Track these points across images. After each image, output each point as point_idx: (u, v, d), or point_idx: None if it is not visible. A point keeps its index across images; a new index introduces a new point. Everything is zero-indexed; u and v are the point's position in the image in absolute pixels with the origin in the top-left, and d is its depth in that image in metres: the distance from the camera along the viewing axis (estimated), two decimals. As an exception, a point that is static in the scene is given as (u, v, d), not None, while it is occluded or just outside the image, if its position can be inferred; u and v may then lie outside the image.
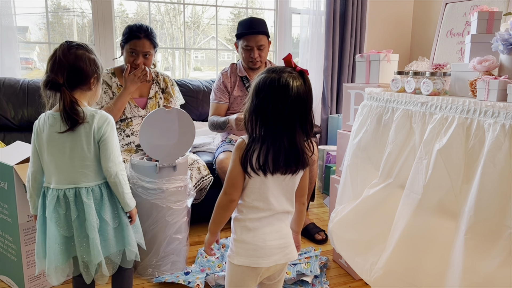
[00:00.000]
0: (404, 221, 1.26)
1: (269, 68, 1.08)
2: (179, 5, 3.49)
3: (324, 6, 3.40)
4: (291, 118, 1.04)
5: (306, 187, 1.21)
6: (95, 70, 1.26)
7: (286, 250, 1.13)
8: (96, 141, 1.24)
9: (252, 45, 2.37)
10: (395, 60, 1.78)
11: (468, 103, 1.13)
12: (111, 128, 1.26)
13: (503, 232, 1.01)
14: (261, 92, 1.05)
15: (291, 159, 1.07)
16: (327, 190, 3.04)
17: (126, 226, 1.31)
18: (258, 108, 1.05)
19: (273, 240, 1.10)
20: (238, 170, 1.08)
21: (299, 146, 1.06)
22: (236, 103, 2.50)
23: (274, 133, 1.04)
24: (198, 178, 2.17)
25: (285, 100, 1.03)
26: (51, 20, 3.05)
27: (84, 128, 1.22)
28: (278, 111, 1.03)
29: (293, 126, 1.05)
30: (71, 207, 1.23)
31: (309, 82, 1.08)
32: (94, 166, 1.26)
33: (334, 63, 3.51)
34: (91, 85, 1.27)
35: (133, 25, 2.10)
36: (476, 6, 1.77)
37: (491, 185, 1.02)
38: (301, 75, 1.07)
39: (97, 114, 1.25)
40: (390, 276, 1.31)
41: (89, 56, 1.25)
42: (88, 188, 1.25)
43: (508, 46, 1.19)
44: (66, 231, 1.24)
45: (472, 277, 1.05)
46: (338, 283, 1.82)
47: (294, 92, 1.03)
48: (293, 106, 1.04)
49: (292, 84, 1.03)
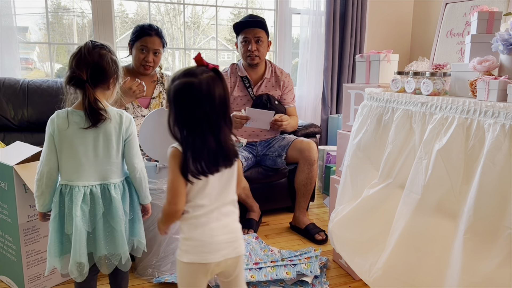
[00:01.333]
0: (404, 221, 1.26)
1: (184, 72, 1.07)
2: (179, 5, 3.49)
3: (324, 6, 3.40)
4: (217, 118, 1.06)
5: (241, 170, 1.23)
6: (115, 71, 1.31)
7: (235, 244, 1.13)
8: (124, 139, 1.31)
9: (249, 37, 2.37)
10: (395, 60, 1.78)
11: (468, 103, 1.13)
12: (134, 128, 1.34)
13: (502, 232, 1.01)
14: (184, 98, 1.05)
15: (223, 155, 1.09)
16: (327, 190, 3.04)
17: (139, 219, 1.39)
18: (183, 114, 1.06)
19: (221, 235, 1.11)
20: (179, 180, 1.07)
21: (227, 141, 1.09)
22: (236, 103, 2.50)
23: (203, 136, 1.06)
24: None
25: (211, 103, 1.04)
26: (51, 20, 3.05)
27: (114, 127, 1.28)
28: (205, 114, 1.04)
29: (219, 125, 1.07)
30: (98, 203, 1.27)
31: (224, 78, 1.10)
32: (119, 163, 1.32)
33: (334, 63, 3.51)
34: (110, 84, 1.31)
35: (143, 24, 2.14)
36: (476, 6, 1.76)
37: (490, 185, 1.02)
38: (215, 73, 1.08)
39: (123, 114, 1.31)
40: (390, 276, 1.31)
41: (112, 57, 1.30)
42: (115, 184, 1.31)
43: (508, 46, 1.19)
44: (89, 227, 1.27)
45: (471, 277, 1.05)
46: (338, 283, 1.82)
47: (218, 93, 1.05)
48: (219, 107, 1.06)
49: (214, 86, 1.05)
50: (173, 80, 1.07)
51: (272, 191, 2.58)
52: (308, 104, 3.55)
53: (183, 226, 1.13)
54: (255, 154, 2.50)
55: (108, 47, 1.30)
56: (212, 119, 1.06)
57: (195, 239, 1.10)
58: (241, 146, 2.44)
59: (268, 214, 2.66)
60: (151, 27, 2.12)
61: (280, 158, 2.40)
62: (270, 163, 2.47)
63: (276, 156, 2.42)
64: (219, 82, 1.07)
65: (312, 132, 2.71)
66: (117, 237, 1.29)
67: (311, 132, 2.71)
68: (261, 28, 2.38)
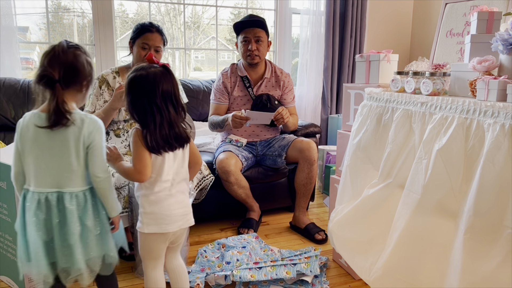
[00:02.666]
0: (404, 221, 1.27)
1: (136, 67, 1.29)
2: (179, 5, 3.49)
3: (324, 6, 3.40)
4: (164, 105, 1.26)
5: (196, 149, 1.45)
6: (90, 73, 1.25)
7: (187, 216, 1.38)
8: (85, 146, 1.21)
9: (249, 37, 2.37)
10: (395, 60, 1.78)
11: (468, 103, 1.13)
12: (100, 134, 1.23)
13: (502, 232, 1.01)
14: (135, 88, 1.26)
15: (175, 138, 1.30)
16: (327, 190, 3.04)
17: (107, 232, 1.29)
18: (134, 101, 1.27)
19: (177, 209, 1.34)
20: (145, 152, 1.27)
21: (176, 126, 1.30)
22: (236, 103, 2.50)
23: (154, 120, 1.26)
24: (199, 178, 2.18)
25: (156, 92, 1.25)
26: (52, 20, 3.05)
27: (73, 132, 1.19)
28: (152, 102, 1.25)
29: (167, 111, 1.27)
30: (53, 212, 1.19)
31: (172, 73, 1.31)
32: (80, 171, 1.22)
33: (334, 63, 3.51)
34: (84, 87, 1.25)
35: (144, 22, 2.14)
36: (476, 6, 1.77)
37: (490, 185, 1.02)
38: (165, 69, 1.29)
39: (87, 118, 1.21)
40: (390, 276, 1.31)
41: (87, 58, 1.24)
42: (72, 194, 1.21)
43: (508, 46, 1.19)
44: (45, 235, 1.20)
45: (471, 277, 1.05)
46: (338, 283, 1.82)
47: (163, 85, 1.26)
48: (163, 95, 1.26)
49: (160, 78, 1.26)
50: (129, 74, 1.28)
51: (272, 191, 2.58)
52: (308, 104, 3.55)
53: (144, 203, 1.32)
54: (255, 154, 2.50)
55: (83, 49, 1.24)
56: (159, 106, 1.25)
57: (155, 213, 1.31)
58: (241, 146, 2.44)
59: (268, 214, 2.66)
60: (152, 24, 2.12)
61: (280, 158, 2.41)
62: (270, 163, 2.47)
63: (276, 156, 2.43)
64: (165, 75, 1.28)
65: (312, 132, 2.71)
66: (71, 250, 1.20)
67: (311, 132, 2.71)
68: (261, 28, 2.39)
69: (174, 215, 1.33)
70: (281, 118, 2.28)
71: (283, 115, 2.29)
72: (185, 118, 1.36)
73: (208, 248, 2.08)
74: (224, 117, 2.37)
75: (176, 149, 1.32)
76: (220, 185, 2.31)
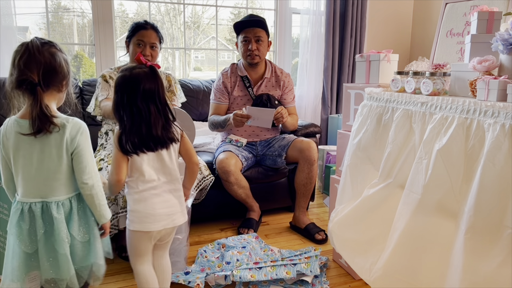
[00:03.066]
0: (404, 221, 1.27)
1: (123, 68, 1.30)
2: (179, 5, 3.49)
3: (324, 6, 3.40)
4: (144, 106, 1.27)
5: (191, 149, 1.44)
6: (68, 71, 1.18)
7: (173, 216, 1.37)
8: (70, 152, 1.15)
9: (250, 37, 2.37)
10: (395, 60, 1.78)
11: (468, 103, 1.13)
12: (85, 138, 1.16)
13: (503, 232, 1.01)
14: (119, 89, 1.28)
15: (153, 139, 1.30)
16: (327, 190, 3.04)
17: (95, 239, 1.23)
18: (118, 101, 1.28)
19: (161, 208, 1.34)
20: (119, 155, 1.29)
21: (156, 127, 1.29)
22: (236, 103, 2.50)
23: (132, 120, 1.27)
24: (199, 178, 2.18)
25: (137, 91, 1.26)
26: (51, 20, 3.05)
27: (54, 138, 1.12)
28: (134, 101, 1.26)
29: (148, 112, 1.27)
30: (38, 222, 1.13)
31: (159, 74, 1.31)
32: (65, 178, 1.16)
33: (334, 63, 3.51)
34: (63, 87, 1.18)
35: (138, 20, 2.15)
36: (476, 6, 1.77)
37: (490, 185, 1.02)
38: (151, 69, 1.30)
39: (69, 123, 1.13)
40: (390, 276, 1.31)
41: (63, 56, 1.16)
42: (58, 202, 1.16)
43: (508, 46, 1.19)
44: (28, 247, 1.14)
45: (471, 277, 1.05)
46: (338, 283, 1.82)
47: (147, 86, 1.27)
48: (144, 96, 1.27)
49: (144, 79, 1.26)
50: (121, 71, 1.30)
51: (272, 191, 2.58)
52: (308, 104, 3.55)
53: (129, 201, 1.34)
54: (255, 154, 2.50)
55: (58, 45, 1.17)
56: (140, 107, 1.27)
57: (139, 211, 1.33)
58: (241, 146, 2.44)
59: (268, 214, 2.66)
60: (146, 22, 2.13)
61: (280, 158, 2.41)
62: (270, 163, 2.47)
63: (276, 156, 2.43)
64: (149, 76, 1.28)
65: (312, 132, 2.71)
66: (60, 260, 1.15)
67: (311, 132, 2.71)
68: (262, 28, 2.39)
69: (158, 214, 1.33)
70: (281, 117, 2.28)
71: (283, 114, 2.29)
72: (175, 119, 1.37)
73: (208, 248, 2.08)
74: (225, 117, 2.37)
75: (155, 150, 1.32)
76: (220, 185, 2.31)
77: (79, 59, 3.50)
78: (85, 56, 3.47)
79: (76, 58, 3.48)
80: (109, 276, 1.84)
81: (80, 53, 3.46)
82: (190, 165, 1.46)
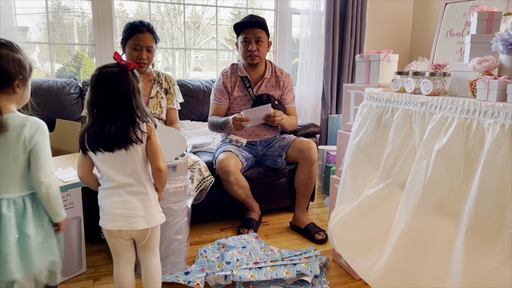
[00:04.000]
0: (404, 221, 1.27)
1: (99, 66, 1.31)
2: (179, 5, 3.49)
3: (324, 6, 3.40)
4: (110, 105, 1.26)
5: (155, 152, 1.36)
6: (20, 72, 1.17)
7: (131, 220, 1.33)
8: (27, 151, 1.16)
9: (250, 37, 2.37)
10: (395, 60, 1.78)
11: (468, 103, 1.13)
12: (43, 137, 1.18)
13: (503, 232, 1.01)
14: (90, 86, 1.29)
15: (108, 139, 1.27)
16: (327, 190, 3.04)
17: (51, 237, 1.24)
18: (88, 99, 1.29)
19: (118, 209, 1.32)
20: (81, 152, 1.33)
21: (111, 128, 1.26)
22: (236, 104, 2.50)
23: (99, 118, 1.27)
24: (199, 179, 2.18)
25: (101, 90, 1.26)
26: (52, 20, 3.05)
27: (11, 137, 1.13)
28: (97, 100, 1.27)
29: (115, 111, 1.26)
30: None
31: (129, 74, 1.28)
32: (19, 177, 1.17)
33: (334, 63, 3.51)
34: (16, 87, 1.18)
35: (134, 21, 2.13)
36: (476, 6, 1.77)
37: (491, 185, 1.02)
38: (121, 68, 1.27)
39: (27, 122, 1.16)
40: (390, 276, 1.31)
41: (14, 56, 1.16)
42: (10, 200, 1.16)
43: (508, 46, 1.19)
44: None
45: (472, 277, 1.05)
46: (338, 283, 1.82)
47: (114, 84, 1.25)
48: (108, 95, 1.26)
49: (113, 78, 1.25)
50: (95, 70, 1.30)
51: (272, 191, 2.58)
52: (308, 104, 3.55)
53: (98, 196, 1.36)
54: (255, 154, 2.50)
55: (9, 44, 1.17)
56: (103, 105, 1.26)
57: (101, 207, 1.35)
58: (241, 146, 2.44)
59: (268, 214, 2.66)
60: (142, 23, 2.11)
61: (280, 158, 2.41)
62: (270, 163, 2.47)
63: (276, 156, 2.43)
64: (117, 75, 1.26)
65: (312, 132, 2.71)
66: (2, 260, 1.13)
67: (311, 132, 2.71)
68: (261, 28, 2.39)
69: (113, 214, 1.32)
70: (273, 117, 2.29)
71: (276, 115, 2.30)
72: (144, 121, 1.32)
73: (208, 248, 2.08)
74: (225, 119, 2.37)
75: (111, 150, 1.28)
76: (220, 185, 2.31)
77: (79, 59, 3.50)
78: (85, 56, 3.46)
79: (76, 58, 3.47)
80: (110, 276, 1.84)
81: (80, 53, 3.46)
82: (153, 169, 1.37)
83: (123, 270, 1.42)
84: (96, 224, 1.39)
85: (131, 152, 1.31)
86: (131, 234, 1.36)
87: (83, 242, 1.86)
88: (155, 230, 1.40)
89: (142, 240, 1.40)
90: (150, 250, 1.44)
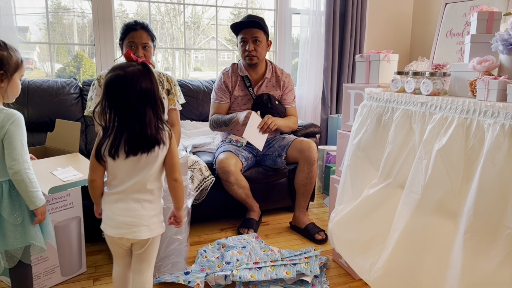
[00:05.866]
0: (404, 221, 1.27)
1: (114, 67, 1.23)
2: (179, 5, 3.49)
3: (324, 6, 3.40)
4: (141, 106, 1.20)
5: (174, 164, 1.31)
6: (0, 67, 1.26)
7: (134, 228, 1.27)
8: (0, 139, 1.26)
9: (247, 37, 2.37)
10: (395, 60, 1.78)
11: (467, 103, 1.13)
12: (16, 127, 1.27)
13: (502, 232, 1.01)
14: (111, 88, 1.20)
15: (142, 141, 1.22)
16: (327, 190, 3.04)
17: (29, 223, 1.33)
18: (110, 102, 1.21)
19: (122, 216, 1.27)
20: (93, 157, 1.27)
21: (149, 129, 1.22)
22: (236, 103, 2.51)
23: (126, 121, 1.20)
24: (200, 179, 2.18)
25: (135, 92, 1.19)
26: (51, 20, 3.05)
27: None
28: (128, 101, 1.19)
29: (144, 112, 1.21)
30: None
31: (152, 71, 1.24)
32: None
33: (334, 63, 3.51)
34: None
35: (128, 21, 2.13)
36: (476, 6, 1.77)
37: (490, 185, 1.02)
38: (144, 66, 1.22)
39: (2, 113, 1.26)
40: (390, 276, 1.31)
41: None
42: None
43: (508, 46, 1.19)
44: None
45: (471, 277, 1.05)
46: (338, 283, 1.82)
47: (143, 84, 1.20)
48: (143, 96, 1.20)
49: (139, 77, 1.20)
50: (106, 74, 1.22)
51: (272, 191, 2.59)
52: (308, 104, 3.55)
53: (103, 200, 1.32)
54: (255, 154, 2.50)
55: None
56: (136, 107, 1.19)
57: (104, 211, 1.31)
58: (241, 146, 2.44)
59: (268, 214, 2.66)
60: (136, 22, 2.09)
61: (280, 158, 2.41)
62: (270, 163, 2.47)
63: (276, 156, 2.43)
64: (145, 74, 1.21)
65: (312, 132, 2.71)
66: None
67: (311, 132, 2.71)
68: (259, 28, 2.39)
69: (116, 221, 1.27)
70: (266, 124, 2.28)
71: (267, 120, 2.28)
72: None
73: (208, 248, 2.08)
74: (232, 116, 2.37)
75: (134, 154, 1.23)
76: (220, 185, 2.31)
77: (79, 59, 3.50)
78: (85, 56, 3.46)
79: (76, 58, 3.47)
80: (110, 276, 1.84)
81: (80, 53, 3.46)
82: (169, 180, 1.33)
83: (123, 271, 1.40)
84: (96, 224, 1.39)
85: (152, 156, 1.26)
86: (132, 241, 1.32)
87: (83, 242, 1.86)
88: (155, 239, 1.35)
89: (140, 249, 1.33)
90: (146, 262, 1.36)
